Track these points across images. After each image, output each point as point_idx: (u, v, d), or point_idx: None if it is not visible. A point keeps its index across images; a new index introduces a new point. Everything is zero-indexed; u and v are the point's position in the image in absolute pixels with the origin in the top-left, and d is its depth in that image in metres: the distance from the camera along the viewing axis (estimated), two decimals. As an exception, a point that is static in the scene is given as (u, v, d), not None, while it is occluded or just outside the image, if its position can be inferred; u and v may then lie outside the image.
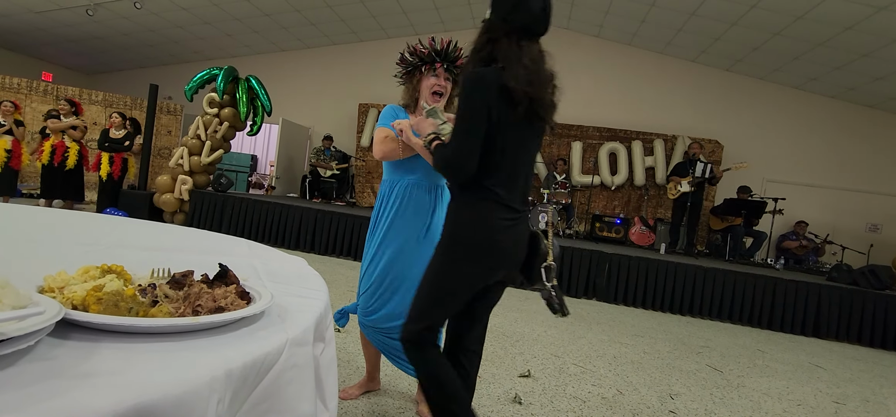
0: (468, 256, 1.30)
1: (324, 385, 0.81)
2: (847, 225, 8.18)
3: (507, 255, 1.34)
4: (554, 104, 1.35)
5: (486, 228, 1.29)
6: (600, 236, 7.15)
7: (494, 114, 1.25)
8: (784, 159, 8.45)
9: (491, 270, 1.34)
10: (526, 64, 1.25)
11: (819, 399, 2.96)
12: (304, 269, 1.12)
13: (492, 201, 1.30)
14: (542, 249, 1.37)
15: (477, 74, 1.27)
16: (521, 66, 1.25)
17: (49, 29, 9.21)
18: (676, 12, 7.35)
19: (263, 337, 0.64)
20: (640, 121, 8.79)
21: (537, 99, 1.27)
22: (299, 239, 6.04)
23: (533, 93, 1.25)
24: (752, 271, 5.24)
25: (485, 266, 1.32)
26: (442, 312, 1.37)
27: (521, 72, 1.24)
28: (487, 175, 1.29)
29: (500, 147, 1.28)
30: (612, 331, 3.96)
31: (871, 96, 7.88)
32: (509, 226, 1.32)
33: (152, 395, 0.45)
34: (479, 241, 1.30)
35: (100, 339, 0.55)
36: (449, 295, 1.34)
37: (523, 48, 1.27)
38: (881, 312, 4.90)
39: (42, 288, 0.64)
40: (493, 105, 1.25)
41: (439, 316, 1.37)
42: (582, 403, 2.37)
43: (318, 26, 9.39)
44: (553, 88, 1.34)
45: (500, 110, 1.26)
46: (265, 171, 10.70)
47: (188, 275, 0.74)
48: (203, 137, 6.56)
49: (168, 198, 6.38)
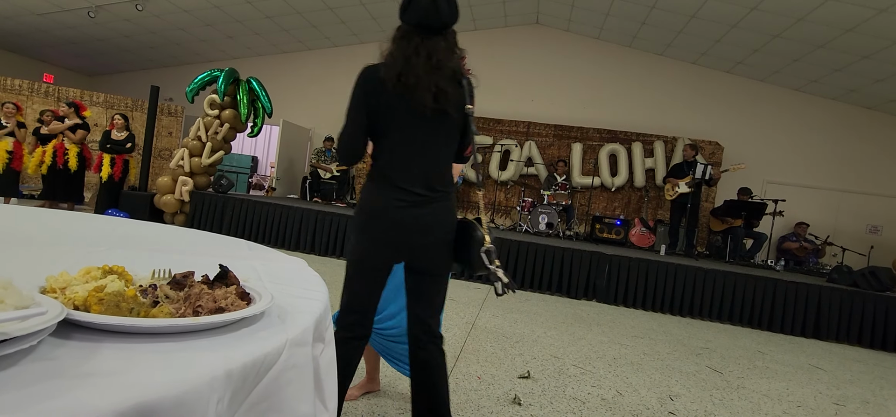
0: (356, 231, 1.44)
1: (323, 385, 0.81)
2: (847, 226, 8.17)
3: (399, 234, 1.41)
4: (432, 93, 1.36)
5: (371, 206, 1.42)
6: (600, 237, 7.15)
7: (373, 104, 1.39)
8: (784, 161, 8.45)
9: (376, 244, 1.42)
10: (405, 56, 1.36)
11: (819, 401, 2.96)
12: (304, 270, 1.13)
13: (381, 182, 1.42)
14: (476, 236, 1.42)
15: (361, 71, 1.41)
16: (396, 59, 1.36)
17: (50, 31, 9.23)
18: (676, 14, 7.36)
19: (263, 338, 0.64)
20: (640, 123, 8.80)
21: (409, 88, 1.34)
22: (299, 240, 6.04)
23: (405, 81, 1.34)
24: (752, 272, 5.24)
25: (369, 239, 1.42)
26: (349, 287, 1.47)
27: (395, 65, 1.36)
28: (379, 158, 1.44)
29: (385, 133, 1.41)
30: (611, 332, 3.96)
31: (872, 98, 7.88)
32: (402, 207, 1.39)
33: (153, 395, 0.45)
34: (365, 218, 1.43)
35: (101, 339, 0.55)
36: (351, 271, 1.46)
37: (409, 43, 1.37)
38: (881, 313, 4.90)
39: (44, 289, 0.64)
40: (370, 96, 1.39)
41: (349, 292, 1.47)
42: (581, 404, 2.37)
43: (318, 28, 9.41)
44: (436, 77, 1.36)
45: (379, 101, 1.38)
46: (266, 173, 10.71)
47: (189, 276, 0.74)
48: (204, 139, 6.57)
49: (169, 199, 6.39)
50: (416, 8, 1.36)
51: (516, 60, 9.47)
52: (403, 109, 1.38)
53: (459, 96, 1.41)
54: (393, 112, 1.39)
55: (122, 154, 6.35)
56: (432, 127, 1.41)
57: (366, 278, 1.45)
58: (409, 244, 1.43)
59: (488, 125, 9.11)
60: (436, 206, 1.43)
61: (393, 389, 2.22)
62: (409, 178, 1.40)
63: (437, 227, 1.44)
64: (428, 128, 1.41)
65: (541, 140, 8.87)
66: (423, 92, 1.36)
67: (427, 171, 1.42)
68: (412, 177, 1.40)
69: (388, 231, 1.41)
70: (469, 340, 3.18)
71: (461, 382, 2.44)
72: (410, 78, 1.35)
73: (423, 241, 1.43)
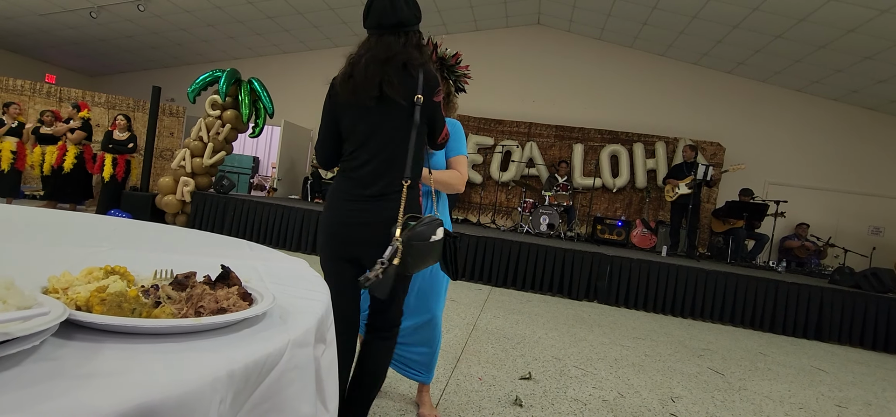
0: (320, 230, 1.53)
1: (324, 386, 0.81)
2: (849, 227, 8.16)
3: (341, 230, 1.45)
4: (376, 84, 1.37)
5: (328, 206, 1.50)
6: (602, 238, 7.15)
7: (335, 111, 1.47)
8: (786, 161, 8.44)
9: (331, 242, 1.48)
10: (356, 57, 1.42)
11: (821, 403, 2.95)
12: (306, 271, 1.13)
13: (337, 180, 1.50)
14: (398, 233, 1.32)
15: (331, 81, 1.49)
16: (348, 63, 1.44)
17: (52, 31, 9.25)
18: (678, 15, 7.35)
19: (265, 339, 0.64)
20: (641, 124, 8.79)
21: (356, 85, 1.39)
22: (300, 240, 6.05)
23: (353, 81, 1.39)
24: (753, 274, 5.23)
25: (325, 237, 1.50)
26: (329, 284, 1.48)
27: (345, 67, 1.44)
28: (344, 161, 1.50)
29: (345, 135, 1.47)
30: (613, 334, 3.95)
31: (874, 98, 7.86)
32: (346, 203, 1.44)
33: (155, 396, 0.45)
34: (324, 217, 1.51)
35: (103, 340, 0.55)
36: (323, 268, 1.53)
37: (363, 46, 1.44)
38: (884, 315, 4.88)
39: (46, 289, 0.64)
40: (332, 103, 1.48)
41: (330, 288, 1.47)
42: (583, 405, 2.37)
43: (320, 29, 9.42)
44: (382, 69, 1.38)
45: (337, 105, 1.46)
46: (267, 173, 10.72)
47: (191, 277, 0.74)
48: (205, 139, 6.58)
49: (170, 199, 6.40)
50: (374, 10, 1.42)
51: (517, 61, 9.48)
52: (353, 109, 1.43)
53: (409, 86, 1.40)
54: (347, 114, 1.45)
55: (124, 154, 6.37)
56: (380, 120, 1.41)
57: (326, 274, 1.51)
58: (350, 239, 1.45)
59: (489, 126, 9.10)
60: (380, 202, 1.41)
61: (393, 390, 2.21)
62: (358, 176, 1.43)
63: (375, 224, 1.40)
64: (376, 122, 1.42)
65: (542, 141, 8.87)
66: (368, 85, 1.37)
67: (376, 168, 1.41)
68: (361, 174, 1.42)
69: (332, 227, 1.47)
70: (470, 341, 3.18)
71: (462, 383, 2.43)
72: (357, 76, 1.39)
73: (360, 237, 1.43)
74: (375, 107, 1.40)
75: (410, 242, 1.29)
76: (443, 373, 2.52)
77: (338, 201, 1.47)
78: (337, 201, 1.47)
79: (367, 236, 1.42)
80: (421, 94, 1.39)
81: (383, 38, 1.42)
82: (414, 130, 1.41)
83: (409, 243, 1.29)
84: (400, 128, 1.42)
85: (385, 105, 1.40)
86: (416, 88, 1.40)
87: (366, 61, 1.39)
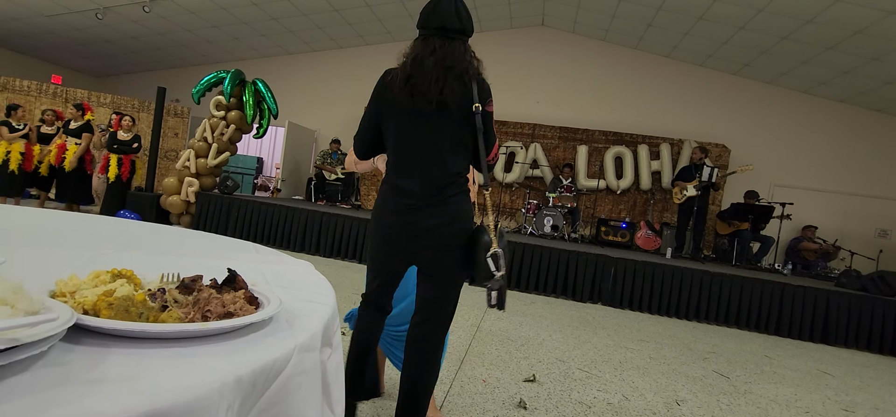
0: (369, 232, 1.55)
1: (331, 390, 0.81)
2: (856, 230, 8.10)
3: (397, 237, 1.45)
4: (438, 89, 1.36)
5: (377, 209, 1.51)
6: (606, 240, 7.12)
7: (381, 105, 1.46)
8: (792, 163, 8.39)
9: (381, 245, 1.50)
10: (421, 58, 1.39)
11: (828, 407, 2.93)
12: (312, 274, 1.12)
13: (386, 185, 1.49)
14: (483, 240, 1.41)
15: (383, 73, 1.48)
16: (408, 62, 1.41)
17: (59, 32, 9.31)
18: (683, 16, 7.32)
19: (272, 343, 0.64)
20: (646, 125, 8.76)
21: (417, 87, 1.37)
22: (305, 241, 6.06)
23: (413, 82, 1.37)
24: (759, 276, 5.20)
25: (376, 240, 1.51)
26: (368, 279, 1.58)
27: (405, 67, 1.41)
28: (388, 163, 1.50)
29: (391, 136, 1.46)
30: (617, 336, 3.93)
31: (881, 100, 7.81)
32: (399, 210, 1.44)
33: (163, 401, 0.45)
34: (373, 221, 1.52)
35: (110, 344, 0.55)
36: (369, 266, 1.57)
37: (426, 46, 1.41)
38: (891, 318, 4.84)
39: (54, 293, 0.64)
40: (380, 96, 1.46)
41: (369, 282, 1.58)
42: (587, 408, 2.36)
43: (324, 30, 9.43)
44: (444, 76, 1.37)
45: (383, 103, 1.45)
46: (271, 174, 10.74)
47: (197, 280, 0.74)
48: (210, 140, 6.61)
49: (175, 200, 6.42)
50: (439, 13, 1.41)
51: (522, 62, 9.46)
52: (407, 110, 1.41)
53: (466, 95, 1.39)
54: (398, 113, 1.43)
55: (129, 154, 6.40)
56: (435, 126, 1.41)
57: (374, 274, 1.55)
58: (406, 247, 1.45)
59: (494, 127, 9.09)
60: (436, 209, 1.41)
61: (397, 391, 2.20)
62: (409, 181, 1.42)
63: (435, 231, 1.42)
64: (430, 128, 1.41)
65: (546, 142, 8.85)
66: (429, 89, 1.36)
67: (429, 174, 1.41)
68: (412, 179, 1.42)
69: (387, 233, 1.47)
70: (474, 343, 3.17)
71: (466, 385, 2.43)
72: (419, 78, 1.37)
73: (420, 245, 1.44)
74: (433, 112, 1.39)
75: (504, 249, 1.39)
76: (447, 375, 2.51)
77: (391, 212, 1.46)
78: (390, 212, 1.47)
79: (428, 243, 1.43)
80: (478, 103, 1.40)
81: (449, 44, 1.40)
82: (480, 137, 1.42)
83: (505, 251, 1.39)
84: (454, 137, 1.42)
85: (442, 112, 1.39)
86: (471, 97, 1.40)
87: (433, 63, 1.37)
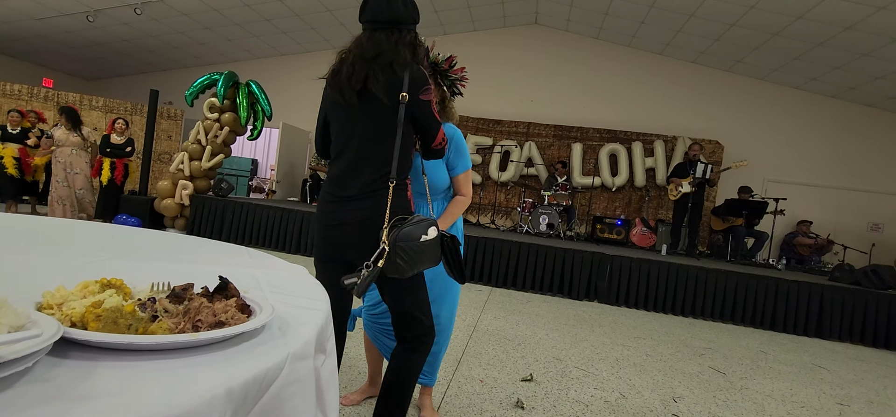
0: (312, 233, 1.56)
1: (325, 397, 0.80)
2: (849, 224, 8.17)
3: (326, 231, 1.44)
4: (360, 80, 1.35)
5: (317, 208, 1.50)
6: (601, 238, 7.14)
7: (323, 105, 1.50)
8: (785, 159, 8.44)
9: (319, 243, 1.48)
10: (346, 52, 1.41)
11: (823, 401, 2.95)
12: (306, 279, 1.11)
13: (325, 183, 1.50)
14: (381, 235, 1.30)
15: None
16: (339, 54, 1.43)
17: (50, 35, 9.23)
18: (675, 13, 7.35)
19: (264, 353, 0.63)
20: (640, 123, 8.79)
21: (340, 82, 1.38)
22: (300, 243, 6.03)
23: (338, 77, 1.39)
24: (753, 272, 5.22)
25: (316, 239, 1.50)
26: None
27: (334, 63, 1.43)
28: (329, 163, 1.50)
29: (332, 135, 1.49)
30: (614, 334, 3.94)
31: (872, 95, 7.87)
32: (328, 204, 1.43)
33: (153, 416, 0.44)
34: (314, 220, 1.51)
35: (99, 357, 0.54)
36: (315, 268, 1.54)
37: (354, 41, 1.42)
38: (884, 312, 4.88)
39: (40, 305, 0.63)
40: (323, 99, 1.50)
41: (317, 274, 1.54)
42: (585, 407, 2.36)
43: (318, 31, 9.40)
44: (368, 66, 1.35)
45: (325, 99, 1.49)
46: (266, 176, 10.70)
47: (188, 289, 0.73)
48: (204, 142, 6.56)
49: (169, 203, 6.38)
50: (369, 6, 1.40)
51: (515, 61, 9.47)
52: (339, 106, 1.42)
53: (394, 84, 1.34)
54: (334, 107, 1.45)
55: (122, 158, 6.35)
56: (362, 119, 1.38)
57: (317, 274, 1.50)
58: (335, 241, 1.43)
59: (488, 126, 9.10)
60: (361, 202, 1.37)
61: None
62: (340, 175, 1.41)
63: (359, 224, 1.37)
64: (358, 121, 1.39)
65: (541, 140, 8.86)
66: (352, 82, 1.35)
67: (358, 167, 1.39)
68: (343, 173, 1.41)
69: (320, 230, 1.46)
70: (471, 343, 3.17)
71: (463, 386, 2.43)
72: (343, 72, 1.38)
73: (345, 239, 1.40)
74: (358, 104, 1.37)
75: (397, 243, 1.26)
76: (444, 376, 2.51)
77: (322, 203, 1.47)
78: (322, 203, 1.47)
79: (352, 238, 1.39)
80: (406, 92, 1.34)
81: (375, 35, 1.38)
82: (399, 129, 1.35)
83: (396, 244, 1.26)
84: (382, 128, 1.37)
85: (368, 103, 1.36)
86: (401, 87, 1.34)
87: (353, 58, 1.37)
